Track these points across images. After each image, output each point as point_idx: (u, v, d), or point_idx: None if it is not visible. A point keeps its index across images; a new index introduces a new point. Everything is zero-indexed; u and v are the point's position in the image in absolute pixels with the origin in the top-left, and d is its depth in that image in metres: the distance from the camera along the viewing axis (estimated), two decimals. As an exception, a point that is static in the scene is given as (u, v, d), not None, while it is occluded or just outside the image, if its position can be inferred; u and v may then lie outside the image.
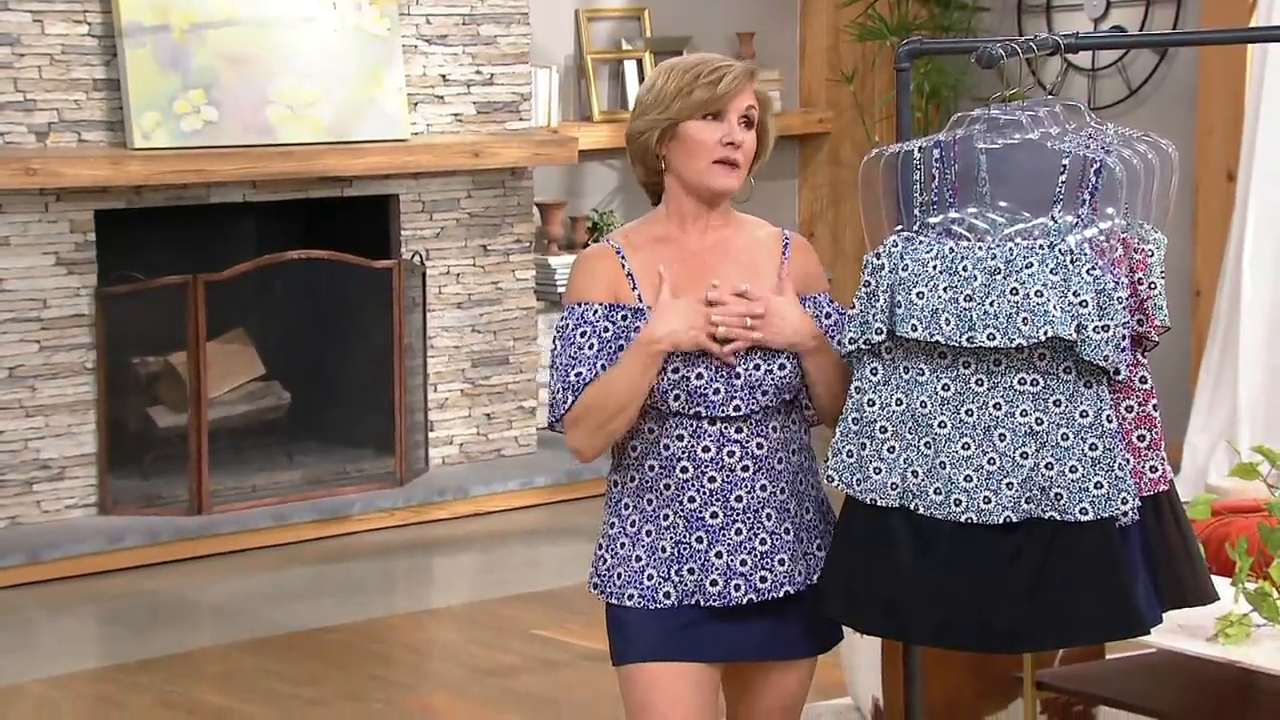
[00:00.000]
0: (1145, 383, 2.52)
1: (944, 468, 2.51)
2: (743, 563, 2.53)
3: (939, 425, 2.52)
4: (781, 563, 2.55)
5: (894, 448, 2.54)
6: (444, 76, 6.02)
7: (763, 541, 2.53)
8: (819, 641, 2.62)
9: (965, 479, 2.50)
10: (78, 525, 5.37)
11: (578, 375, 2.50)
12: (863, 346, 2.57)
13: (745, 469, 2.53)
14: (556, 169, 6.41)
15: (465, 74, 6.05)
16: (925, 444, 2.53)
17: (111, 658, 4.65)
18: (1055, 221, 2.50)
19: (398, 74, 5.82)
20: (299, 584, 5.22)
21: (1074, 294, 2.44)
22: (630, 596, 2.54)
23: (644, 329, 2.48)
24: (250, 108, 5.55)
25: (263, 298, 5.91)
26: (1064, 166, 2.51)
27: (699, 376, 2.50)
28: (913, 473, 2.53)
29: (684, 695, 2.52)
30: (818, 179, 7.05)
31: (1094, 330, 2.44)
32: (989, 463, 2.49)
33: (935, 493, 2.51)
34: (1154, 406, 2.52)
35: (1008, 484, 2.49)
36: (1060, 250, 2.46)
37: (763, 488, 2.54)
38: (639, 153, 2.58)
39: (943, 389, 2.52)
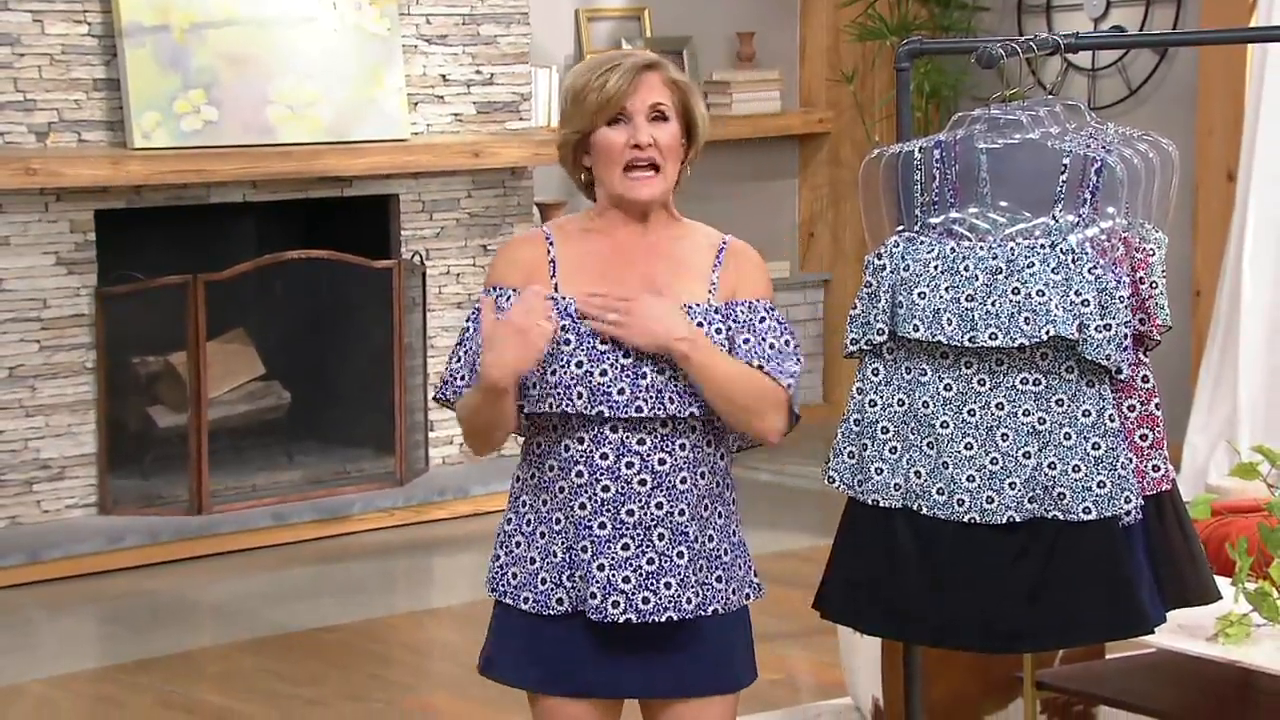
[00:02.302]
0: (1147, 382, 2.52)
1: (946, 468, 2.51)
2: (625, 580, 2.39)
3: (941, 425, 2.52)
4: (668, 586, 2.39)
5: (896, 448, 2.54)
6: (444, 76, 6.02)
7: (650, 561, 2.39)
8: (734, 677, 2.48)
9: (968, 479, 2.50)
10: (78, 525, 5.37)
11: (457, 369, 2.45)
12: (864, 347, 2.57)
13: (643, 483, 2.39)
14: (556, 169, 6.38)
15: (465, 74, 6.05)
16: (928, 444, 2.53)
17: (111, 658, 4.65)
18: (1056, 221, 2.50)
19: (398, 74, 5.82)
20: (299, 584, 5.22)
21: (1076, 293, 2.44)
22: (525, 600, 2.44)
23: (482, 368, 2.37)
24: (250, 107, 5.55)
25: (263, 298, 5.91)
26: (1065, 166, 2.51)
27: (603, 374, 2.37)
28: (915, 473, 2.53)
29: None
30: (818, 179, 7.05)
31: (1096, 329, 2.44)
32: (991, 462, 2.49)
33: (938, 493, 2.51)
34: (1156, 405, 2.53)
35: (1010, 484, 2.49)
36: (1062, 250, 2.46)
37: (659, 505, 2.39)
38: (565, 166, 2.49)
39: (945, 389, 2.52)
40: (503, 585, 2.47)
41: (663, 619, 2.40)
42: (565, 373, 2.38)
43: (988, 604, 2.49)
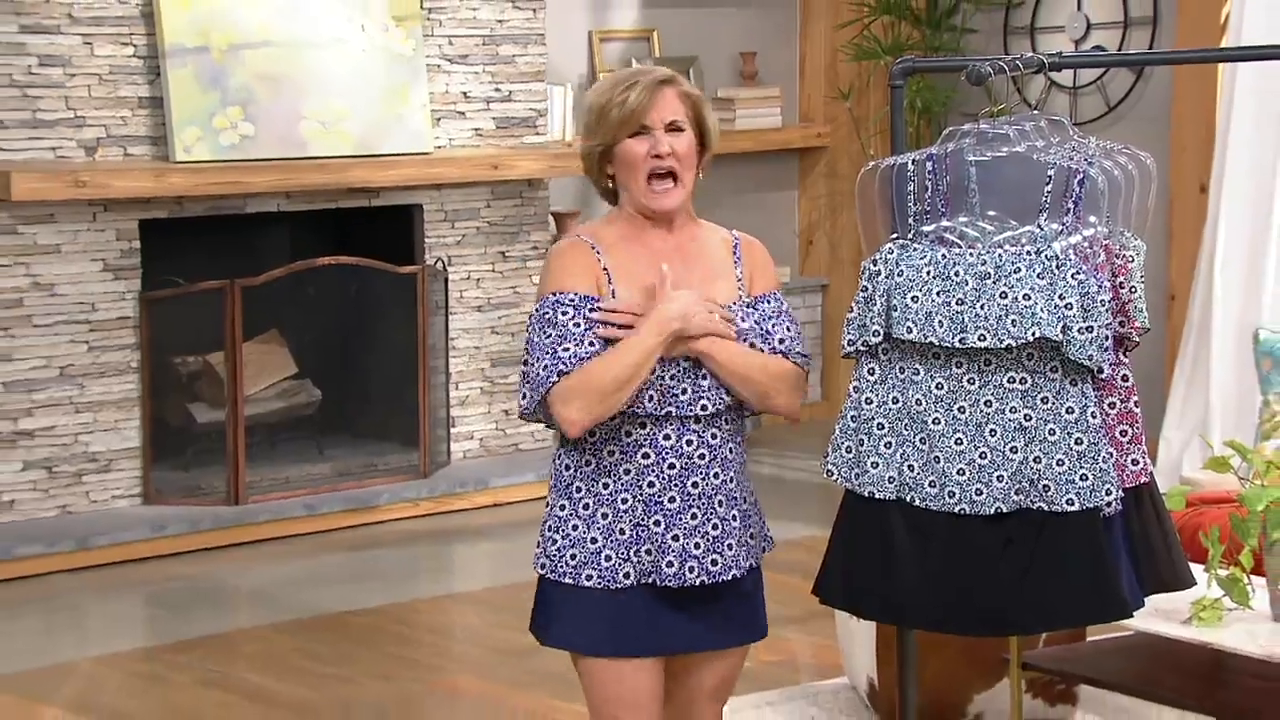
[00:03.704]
0: (1126, 380, 2.51)
1: (938, 462, 2.51)
2: (696, 546, 2.49)
3: (933, 422, 2.51)
4: (730, 547, 2.51)
5: (890, 443, 2.54)
6: (465, 94, 6.02)
7: (715, 526, 2.50)
8: (759, 630, 2.60)
9: (958, 472, 2.49)
10: (124, 514, 5.37)
11: (565, 350, 2.44)
12: (860, 348, 2.56)
13: (702, 457, 2.49)
14: (570, 180, 6.41)
15: (485, 91, 6.06)
16: (920, 439, 2.52)
17: (155, 638, 4.65)
18: (1041, 229, 2.49)
19: (422, 91, 5.82)
20: (330, 570, 5.22)
21: (1059, 297, 2.44)
22: (589, 577, 2.49)
23: (656, 309, 2.43)
24: (284, 123, 5.56)
25: (296, 301, 5.91)
26: (1049, 177, 2.50)
27: (673, 377, 2.47)
28: (908, 467, 2.52)
29: (642, 682, 2.51)
30: (816, 190, 7.05)
31: (1079, 331, 2.43)
32: (980, 457, 2.48)
33: (930, 485, 2.51)
34: (1135, 403, 2.52)
35: (998, 477, 2.48)
36: (1046, 256, 2.46)
37: (716, 475, 2.50)
38: (590, 173, 2.56)
39: (936, 387, 2.52)
40: (562, 566, 2.51)
41: (728, 578, 2.51)
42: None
43: (977, 590, 2.48)
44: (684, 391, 2.47)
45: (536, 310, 2.49)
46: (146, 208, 5.43)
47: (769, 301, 2.55)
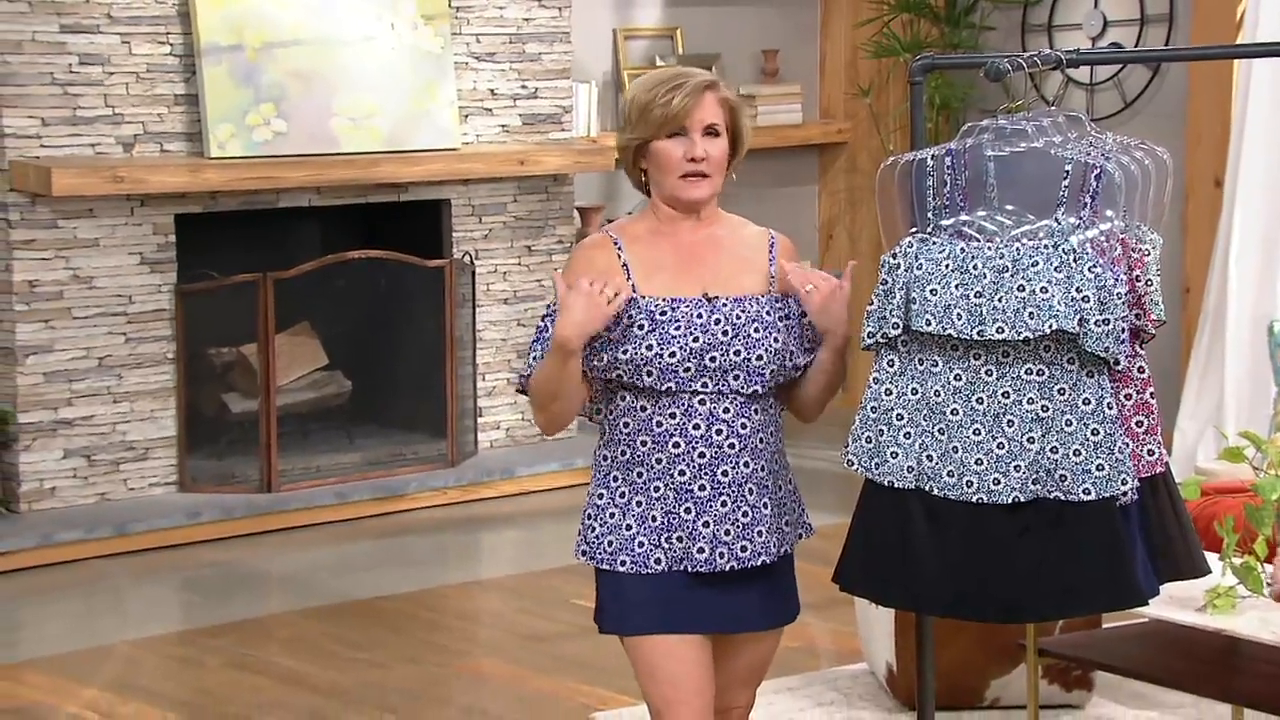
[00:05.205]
0: (1143, 372, 2.50)
1: (956, 452, 2.50)
2: (726, 533, 2.51)
3: (951, 412, 2.50)
4: (760, 534, 2.52)
5: (910, 433, 2.53)
6: (492, 90, 6.02)
7: (745, 514, 2.52)
8: (791, 613, 2.62)
9: (976, 462, 2.48)
10: (160, 501, 5.40)
11: (534, 357, 2.54)
12: (880, 340, 2.55)
13: (732, 446, 2.51)
14: (595, 175, 6.41)
15: (512, 88, 6.05)
16: (939, 430, 2.51)
17: (190, 622, 4.67)
18: (1059, 223, 2.48)
19: (450, 88, 5.82)
20: (360, 556, 5.24)
21: (1076, 290, 2.42)
22: (623, 562, 2.52)
23: (555, 329, 2.46)
24: (315, 120, 5.56)
25: (326, 294, 5.93)
26: (1067, 172, 2.49)
27: (671, 355, 2.49)
28: (927, 457, 2.51)
29: (690, 658, 2.51)
30: (836, 185, 7.03)
31: (1095, 324, 2.42)
32: (998, 447, 2.47)
33: (948, 475, 2.50)
34: (1151, 394, 2.50)
35: (1016, 466, 2.47)
36: (1064, 250, 2.44)
37: (746, 464, 2.52)
38: (624, 165, 2.59)
39: (955, 379, 2.50)
40: (600, 553, 2.54)
41: (757, 563, 2.52)
42: (637, 353, 2.49)
43: (994, 578, 2.47)
44: (686, 370, 2.49)
45: (552, 303, 2.53)
46: (182, 202, 5.45)
47: (798, 302, 2.58)
